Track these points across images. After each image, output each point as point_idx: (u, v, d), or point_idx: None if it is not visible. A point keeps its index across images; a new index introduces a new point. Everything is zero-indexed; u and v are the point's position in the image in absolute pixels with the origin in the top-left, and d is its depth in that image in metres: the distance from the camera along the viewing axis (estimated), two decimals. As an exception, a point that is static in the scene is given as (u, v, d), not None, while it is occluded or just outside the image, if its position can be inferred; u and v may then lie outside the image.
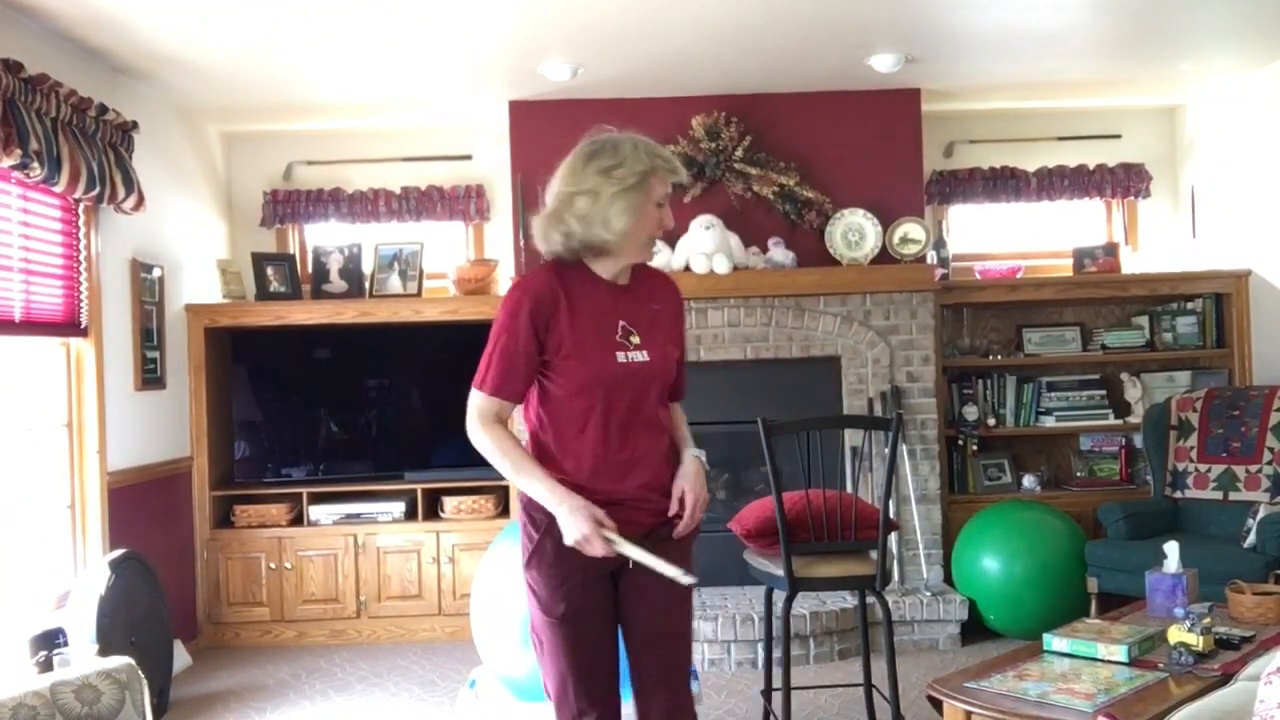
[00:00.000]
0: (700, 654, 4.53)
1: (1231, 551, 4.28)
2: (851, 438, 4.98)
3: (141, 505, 4.58)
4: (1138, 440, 5.25)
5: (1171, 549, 3.60)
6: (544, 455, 2.34)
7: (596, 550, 2.20)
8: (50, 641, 3.68)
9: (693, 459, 2.45)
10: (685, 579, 2.20)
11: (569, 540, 2.21)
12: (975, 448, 5.35)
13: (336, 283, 5.45)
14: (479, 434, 2.32)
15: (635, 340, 2.32)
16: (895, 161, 5.21)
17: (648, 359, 2.33)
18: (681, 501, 2.41)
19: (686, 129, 5.08)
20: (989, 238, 5.84)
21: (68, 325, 4.14)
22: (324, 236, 5.72)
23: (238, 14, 3.86)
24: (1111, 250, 5.57)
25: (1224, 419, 4.79)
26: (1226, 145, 5.42)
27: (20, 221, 3.83)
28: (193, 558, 5.12)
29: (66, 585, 4.02)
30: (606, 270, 2.34)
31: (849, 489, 4.80)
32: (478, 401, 2.32)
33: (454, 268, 5.42)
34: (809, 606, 4.62)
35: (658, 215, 2.31)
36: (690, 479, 2.41)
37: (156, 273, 4.82)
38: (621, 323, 2.32)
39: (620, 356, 2.30)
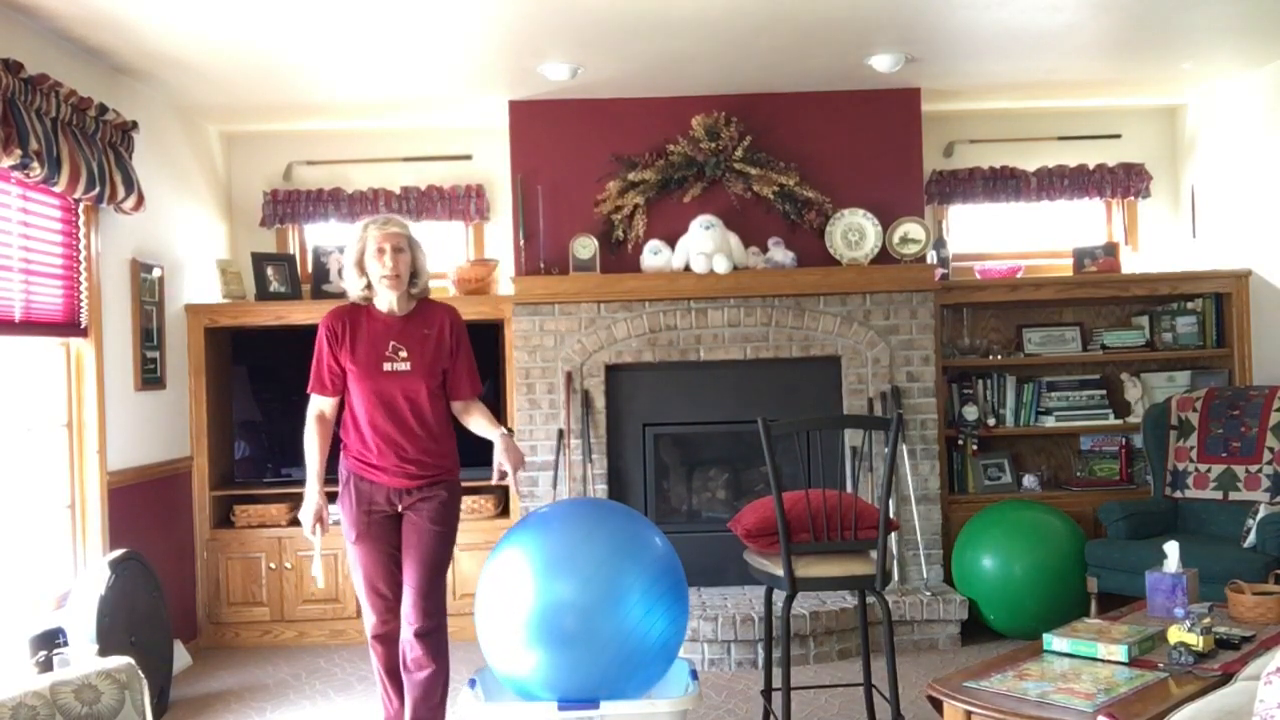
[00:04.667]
0: (700, 654, 4.54)
1: (1231, 551, 4.29)
2: (851, 438, 4.99)
3: (141, 505, 4.58)
4: (1138, 440, 5.26)
5: (1171, 549, 3.60)
6: (348, 432, 3.36)
7: (305, 531, 3.34)
8: (50, 641, 3.68)
9: (500, 436, 3.34)
10: (320, 581, 3.57)
11: (303, 517, 3.34)
12: (975, 448, 5.35)
13: (336, 283, 5.45)
14: (308, 423, 3.38)
15: (402, 355, 3.30)
16: (895, 161, 5.21)
17: (408, 368, 3.30)
18: (503, 472, 3.32)
19: (686, 129, 5.08)
20: (989, 238, 5.84)
21: (68, 325, 4.14)
22: (324, 236, 5.72)
23: (238, 14, 3.86)
24: (1111, 250, 5.57)
25: (1224, 419, 4.79)
26: (1226, 145, 5.42)
27: (20, 221, 3.83)
28: (193, 558, 5.12)
29: (66, 585, 4.02)
30: (382, 305, 3.35)
31: (849, 489, 4.81)
32: (310, 398, 3.38)
33: (454, 268, 5.42)
34: (809, 606, 4.63)
35: (378, 260, 3.28)
36: (503, 453, 3.31)
37: (156, 273, 4.82)
38: (392, 343, 3.31)
39: (386, 366, 3.29)
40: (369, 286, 3.35)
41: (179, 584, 4.92)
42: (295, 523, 5.17)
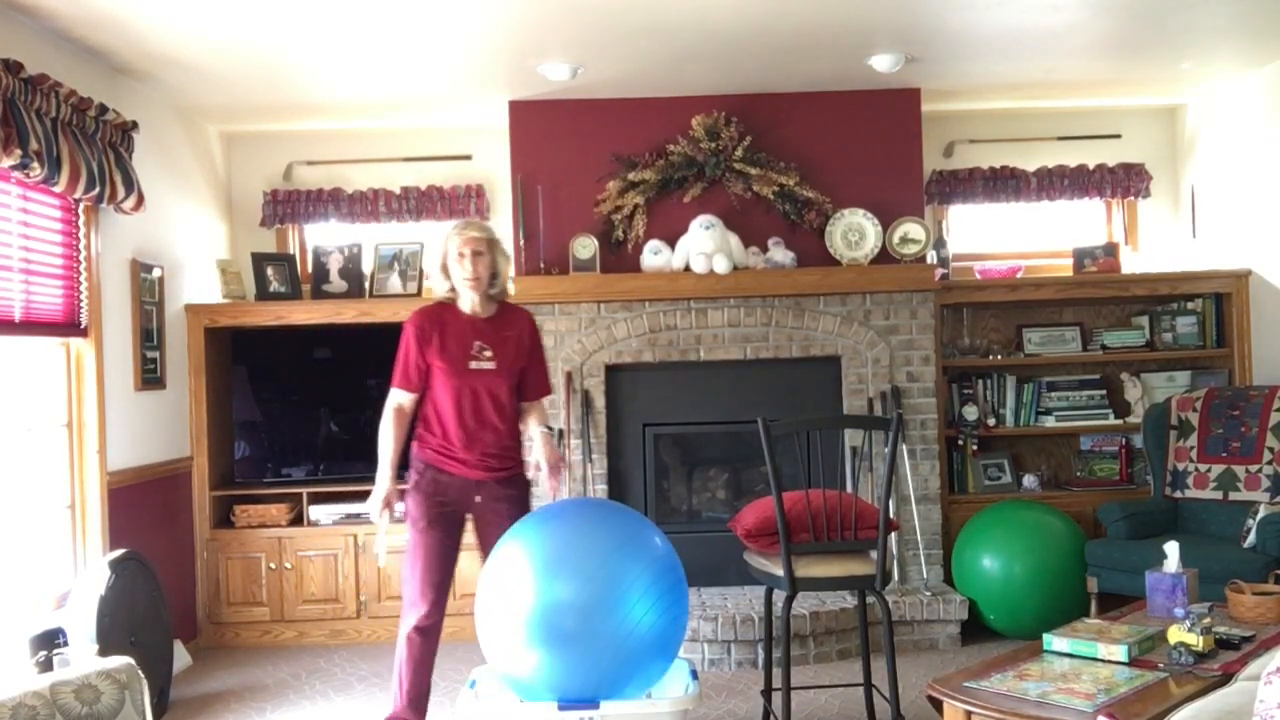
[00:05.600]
0: (700, 654, 4.54)
1: (1231, 551, 4.28)
2: (851, 438, 4.98)
3: (141, 505, 4.58)
4: (1138, 440, 5.25)
5: (1171, 549, 3.60)
6: (428, 425, 3.52)
7: (373, 517, 3.46)
8: (50, 641, 3.68)
9: (540, 433, 3.55)
10: (381, 560, 3.65)
11: (370, 503, 3.47)
12: (975, 448, 5.35)
13: (336, 283, 5.45)
14: (385, 414, 3.54)
15: (487, 354, 3.50)
16: (895, 161, 5.21)
17: (493, 366, 3.50)
18: (538, 465, 3.52)
19: (686, 129, 5.08)
20: (989, 238, 5.84)
21: (68, 325, 4.14)
22: (324, 236, 5.72)
23: (238, 14, 3.86)
24: (1111, 250, 5.57)
25: (1224, 419, 4.79)
26: (1226, 145, 5.42)
27: (20, 221, 3.83)
28: (193, 558, 5.12)
29: (66, 585, 4.02)
30: (466, 307, 3.54)
31: (849, 489, 4.81)
32: (392, 391, 3.54)
33: (454, 268, 5.42)
34: (809, 606, 4.62)
35: (459, 264, 3.46)
36: (541, 450, 3.51)
37: (156, 273, 4.82)
38: (477, 342, 3.50)
39: (472, 364, 3.48)
40: (453, 289, 3.54)
41: (179, 584, 4.92)
42: (295, 522, 5.19)
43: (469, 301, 3.52)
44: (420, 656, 3.49)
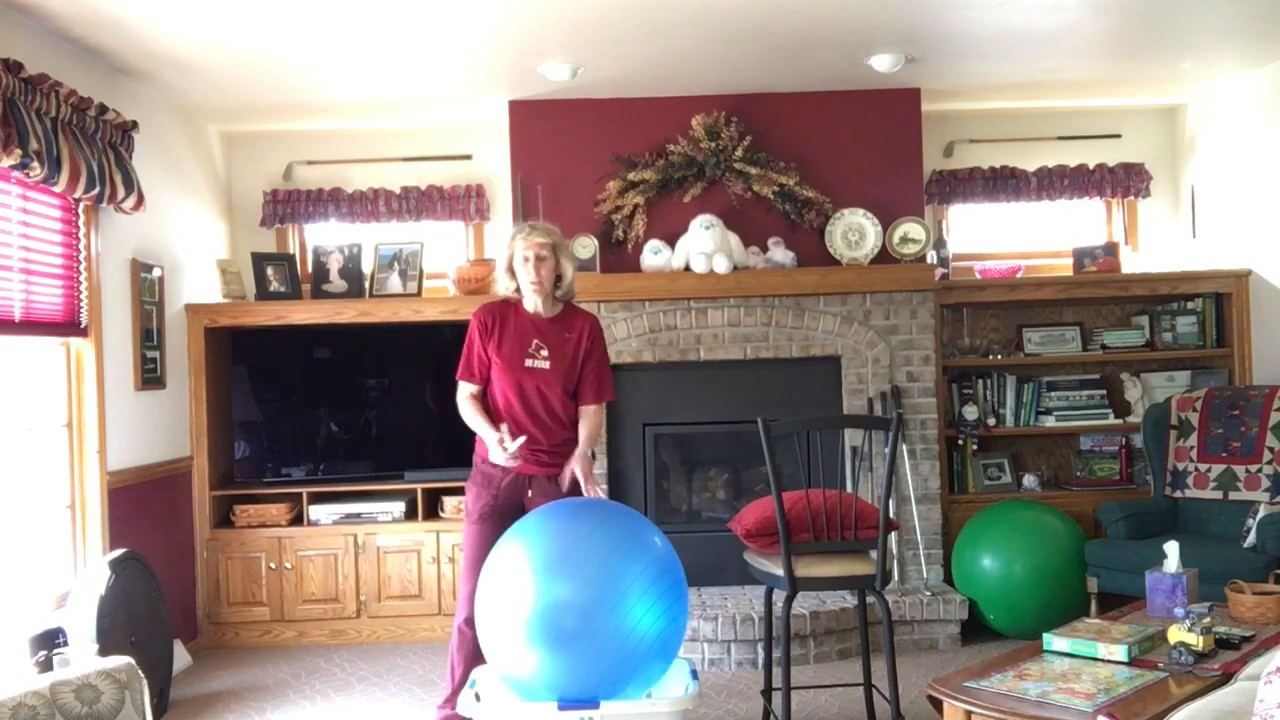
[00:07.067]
0: (700, 654, 4.54)
1: (1231, 551, 4.28)
2: (851, 438, 4.99)
3: (141, 505, 4.58)
4: (1138, 440, 5.25)
5: (1171, 549, 3.60)
6: (488, 416, 3.64)
7: (498, 456, 3.49)
8: (50, 641, 3.68)
9: (580, 455, 3.60)
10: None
11: (492, 456, 3.54)
12: (975, 448, 5.35)
13: (336, 283, 5.45)
14: (460, 404, 3.66)
15: (543, 353, 3.59)
16: (895, 161, 5.21)
17: (548, 366, 3.59)
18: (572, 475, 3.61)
19: (686, 129, 5.08)
20: (989, 237, 5.84)
21: (68, 325, 4.14)
22: (324, 236, 5.72)
23: (238, 14, 3.86)
24: (1111, 250, 5.57)
25: (1224, 419, 4.79)
26: (1226, 145, 5.42)
27: (20, 221, 3.83)
28: (193, 558, 5.12)
29: (66, 585, 4.02)
30: (529, 306, 3.63)
31: (849, 489, 4.81)
32: (459, 384, 3.67)
33: (454, 268, 5.42)
34: (809, 606, 4.62)
35: (524, 267, 3.54)
36: (575, 464, 3.59)
37: (156, 273, 4.82)
38: (535, 341, 3.59)
39: (527, 362, 3.58)
40: (518, 290, 3.61)
41: (179, 584, 4.92)
42: (295, 522, 5.19)
43: (532, 302, 3.60)
44: (469, 647, 3.50)
